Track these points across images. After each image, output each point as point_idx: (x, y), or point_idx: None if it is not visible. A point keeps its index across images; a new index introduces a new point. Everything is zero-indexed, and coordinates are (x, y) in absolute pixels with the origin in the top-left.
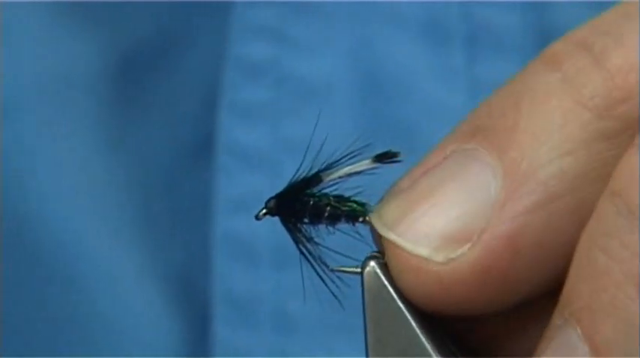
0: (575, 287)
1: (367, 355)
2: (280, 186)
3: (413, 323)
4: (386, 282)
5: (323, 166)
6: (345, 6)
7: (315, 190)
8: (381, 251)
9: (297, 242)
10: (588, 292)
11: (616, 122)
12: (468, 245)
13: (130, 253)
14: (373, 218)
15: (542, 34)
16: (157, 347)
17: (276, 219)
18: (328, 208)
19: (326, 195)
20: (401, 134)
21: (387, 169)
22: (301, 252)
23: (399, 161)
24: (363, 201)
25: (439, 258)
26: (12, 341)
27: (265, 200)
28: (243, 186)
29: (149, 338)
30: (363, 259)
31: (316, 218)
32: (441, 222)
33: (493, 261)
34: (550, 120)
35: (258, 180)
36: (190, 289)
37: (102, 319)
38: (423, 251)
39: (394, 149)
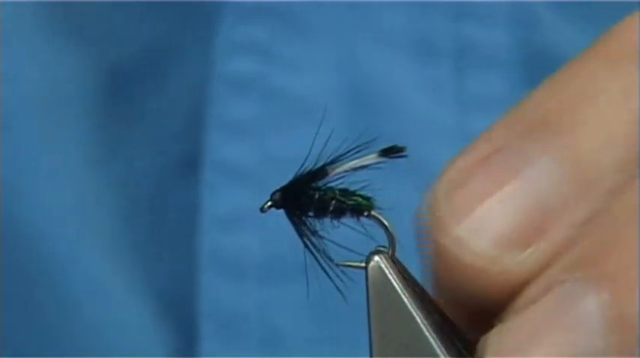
0: (600, 251)
1: (371, 350)
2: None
3: (417, 318)
4: (390, 277)
5: (329, 160)
6: (332, 21)
7: (320, 184)
8: (386, 245)
9: (301, 235)
10: (617, 260)
11: None
12: (530, 250)
13: (118, 267)
14: (431, 210)
15: (529, 50)
16: None
17: (264, 232)
18: (333, 202)
19: (331, 188)
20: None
21: (393, 164)
22: (306, 246)
23: (404, 156)
24: (369, 195)
25: (498, 265)
26: (2, 351)
27: (263, 202)
28: (230, 202)
29: (137, 353)
30: (367, 254)
31: (321, 211)
32: (504, 224)
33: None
34: (615, 126)
35: (245, 196)
36: (177, 305)
37: (91, 332)
38: (482, 254)
39: (400, 144)
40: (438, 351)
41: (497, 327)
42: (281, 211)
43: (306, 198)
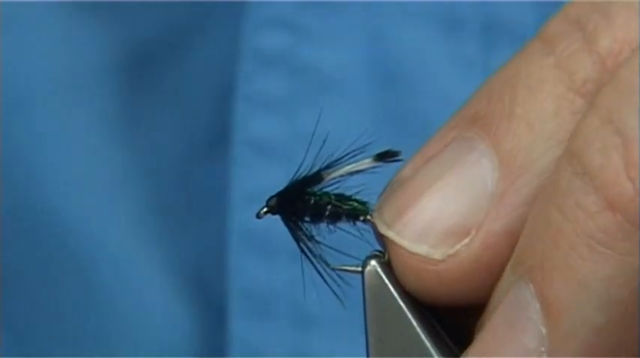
0: (529, 244)
1: (368, 354)
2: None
3: (414, 322)
4: (387, 281)
5: (324, 165)
6: None
7: (316, 189)
8: (382, 249)
9: (298, 240)
10: (542, 250)
11: None
12: (466, 240)
13: (144, 245)
14: (374, 215)
15: None
16: (172, 341)
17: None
18: (329, 207)
19: (327, 193)
20: (416, 125)
21: (388, 168)
22: (302, 251)
23: (399, 160)
24: (364, 199)
25: (437, 255)
26: (27, 334)
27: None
28: (259, 177)
29: (164, 332)
30: (363, 258)
31: (317, 216)
32: (439, 218)
33: (491, 256)
34: (544, 109)
35: (275, 171)
36: (206, 282)
37: (117, 312)
38: (421, 249)
39: (395, 148)
40: (435, 355)
41: (470, 346)
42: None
43: (302, 204)
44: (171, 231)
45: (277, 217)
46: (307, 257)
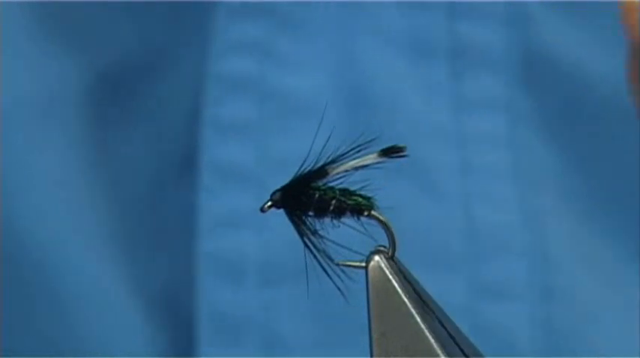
0: None
1: (371, 349)
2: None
3: (417, 318)
4: (390, 277)
5: (329, 160)
6: (329, 21)
7: (320, 183)
8: (388, 245)
9: (301, 235)
10: None
11: None
12: None
13: (114, 270)
14: None
15: (526, 50)
16: None
17: (262, 233)
18: (334, 201)
19: (331, 188)
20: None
21: (392, 164)
22: (306, 245)
23: (404, 156)
24: (369, 195)
25: None
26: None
27: (267, 198)
28: (228, 203)
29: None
30: (367, 253)
31: (321, 211)
32: None
33: None
34: None
35: (243, 197)
36: (175, 308)
37: (86, 337)
38: None
39: (400, 144)
40: (438, 350)
41: None
42: (281, 211)
43: (306, 198)
44: (141, 256)
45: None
46: (311, 251)
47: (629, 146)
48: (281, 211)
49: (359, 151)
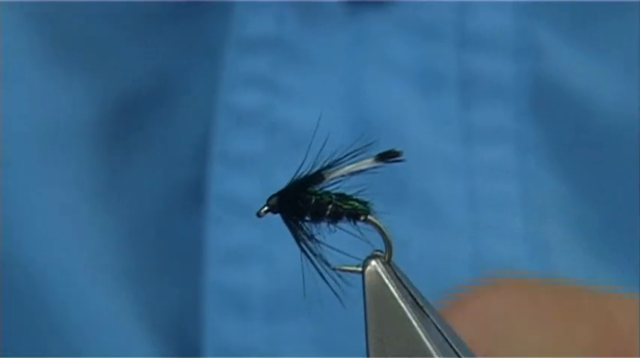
0: None
1: (368, 354)
2: (272, 235)
3: (414, 322)
4: (387, 281)
5: (325, 164)
6: (337, 54)
7: (317, 188)
8: (384, 249)
9: (298, 240)
10: None
11: None
12: None
13: (120, 302)
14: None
15: (536, 81)
16: None
17: (270, 268)
18: (330, 206)
19: (328, 193)
20: (393, 179)
21: (389, 168)
22: (302, 250)
23: (401, 160)
24: (365, 199)
25: None
26: None
27: (267, 198)
28: (235, 235)
29: None
30: (364, 258)
31: (318, 216)
32: None
33: None
34: None
35: (250, 230)
36: (182, 339)
37: None
38: None
39: (396, 148)
40: (434, 354)
41: None
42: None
43: (302, 203)
44: (147, 286)
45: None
46: (308, 256)
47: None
48: (286, 243)
49: (355, 156)
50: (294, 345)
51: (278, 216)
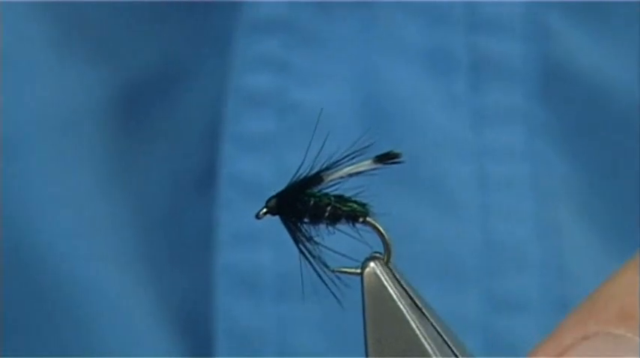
0: None
1: (367, 356)
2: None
3: (413, 324)
4: (386, 283)
5: (324, 166)
6: (348, 35)
7: (315, 190)
8: (382, 251)
9: (297, 241)
10: None
11: None
12: None
13: (132, 286)
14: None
15: (545, 62)
16: None
17: (280, 248)
18: (329, 208)
19: (327, 195)
20: (404, 163)
21: (388, 170)
22: (301, 252)
23: (400, 162)
24: (364, 201)
25: None
26: None
27: (266, 199)
28: (246, 218)
29: None
30: (363, 260)
31: (317, 218)
32: None
33: None
34: None
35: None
36: (193, 323)
37: (104, 350)
38: None
39: (396, 150)
40: (433, 356)
41: None
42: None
43: (301, 205)
44: (159, 271)
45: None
46: (306, 258)
47: None
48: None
49: (354, 158)
50: (305, 326)
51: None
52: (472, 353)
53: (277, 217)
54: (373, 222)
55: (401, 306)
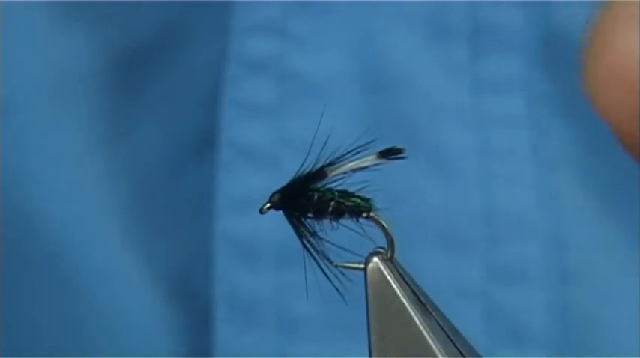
0: None
1: (370, 351)
2: (282, 183)
3: (416, 320)
4: (389, 278)
5: (328, 161)
6: (349, 3)
7: (319, 185)
8: (386, 246)
9: (300, 236)
10: None
11: None
12: None
13: (129, 250)
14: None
15: (546, 31)
16: (157, 346)
17: (279, 215)
18: (332, 203)
19: (330, 190)
20: (404, 130)
21: (391, 165)
22: (305, 247)
23: (403, 157)
24: (368, 196)
25: None
26: (10, 341)
27: (269, 194)
28: (245, 183)
29: (149, 338)
30: (366, 255)
31: (320, 213)
32: None
33: None
34: None
35: (261, 177)
36: (191, 288)
37: (100, 318)
38: None
39: (399, 145)
40: (437, 352)
41: None
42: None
43: (305, 200)
44: (157, 236)
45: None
46: (310, 253)
47: None
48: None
49: (358, 153)
50: (303, 292)
51: (287, 163)
52: (475, 348)
53: (281, 211)
54: (377, 217)
55: (405, 302)
